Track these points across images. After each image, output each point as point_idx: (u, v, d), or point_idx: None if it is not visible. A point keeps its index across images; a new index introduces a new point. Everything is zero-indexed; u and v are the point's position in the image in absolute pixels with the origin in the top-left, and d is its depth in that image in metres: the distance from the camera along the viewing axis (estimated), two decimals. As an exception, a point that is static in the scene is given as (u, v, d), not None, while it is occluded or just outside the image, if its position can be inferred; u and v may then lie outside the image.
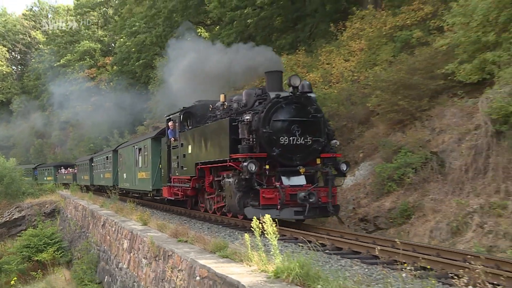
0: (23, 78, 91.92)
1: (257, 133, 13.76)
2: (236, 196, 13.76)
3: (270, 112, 13.83)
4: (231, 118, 14.89)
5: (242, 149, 13.71)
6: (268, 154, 13.79)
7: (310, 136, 13.98)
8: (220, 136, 15.24)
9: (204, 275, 8.55)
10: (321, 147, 14.30)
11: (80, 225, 27.82)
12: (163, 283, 11.04)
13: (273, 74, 15.21)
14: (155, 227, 14.71)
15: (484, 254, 9.38)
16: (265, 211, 11.01)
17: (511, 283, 6.99)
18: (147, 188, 24.70)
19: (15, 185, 48.36)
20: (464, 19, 15.54)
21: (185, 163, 18.73)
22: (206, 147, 16.37)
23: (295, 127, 13.80)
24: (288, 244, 11.30)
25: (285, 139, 13.77)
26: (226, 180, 14.72)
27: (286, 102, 13.97)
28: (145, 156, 25.16)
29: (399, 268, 5.49)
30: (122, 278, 15.55)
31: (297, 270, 6.82)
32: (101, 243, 20.42)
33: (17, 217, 41.99)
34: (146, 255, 12.68)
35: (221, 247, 9.68)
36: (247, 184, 13.61)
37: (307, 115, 14.08)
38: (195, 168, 17.30)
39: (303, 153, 14.00)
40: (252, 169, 13.09)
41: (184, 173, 18.69)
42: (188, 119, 19.85)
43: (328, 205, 13.68)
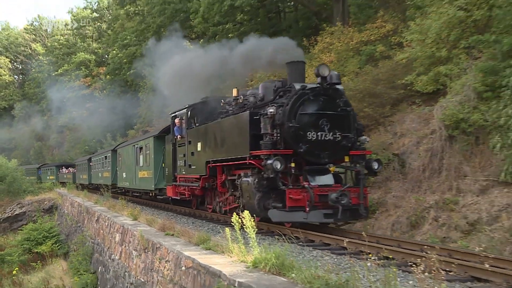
0: (24, 86, 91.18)
1: (282, 127, 11.46)
2: (256, 197, 11.44)
3: (297, 104, 11.48)
4: (251, 112, 12.41)
5: (265, 145, 11.33)
6: (294, 151, 11.43)
7: (339, 131, 11.65)
8: (237, 131, 12.82)
9: (189, 265, 8.55)
10: (351, 144, 11.93)
11: (76, 220, 27.59)
12: (152, 272, 11.01)
13: (296, 64, 12.81)
14: (144, 221, 14.65)
15: (438, 244, 9.53)
16: (291, 213, 10.52)
17: (461, 269, 7.22)
18: (149, 187, 22.42)
19: (16, 183, 48.11)
20: (421, 36, 15.78)
21: (193, 161, 16.33)
22: (220, 144, 14.04)
23: (324, 122, 11.48)
24: (266, 237, 11.29)
25: (312, 135, 11.47)
26: (244, 180, 12.21)
27: (314, 94, 11.60)
28: (147, 155, 22.84)
29: (364, 258, 5.54)
30: (115, 268, 15.47)
31: (273, 261, 6.85)
32: (95, 237, 20.28)
33: (19, 213, 41.50)
34: (136, 247, 12.62)
35: (205, 240, 9.68)
36: (268, 184, 11.42)
37: (336, 108, 11.72)
38: (205, 167, 14.88)
39: (331, 150, 11.64)
40: (277, 167, 10.78)
41: (192, 172, 16.32)
42: (195, 115, 17.15)
43: (359, 207, 11.44)
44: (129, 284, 13.25)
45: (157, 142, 21.35)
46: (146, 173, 22.62)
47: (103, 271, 17.80)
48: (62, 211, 35.00)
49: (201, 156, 15.46)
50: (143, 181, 23.57)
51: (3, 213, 42.21)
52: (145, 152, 23.13)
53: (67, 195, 36.04)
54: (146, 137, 23.80)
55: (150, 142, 22.15)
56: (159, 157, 21.00)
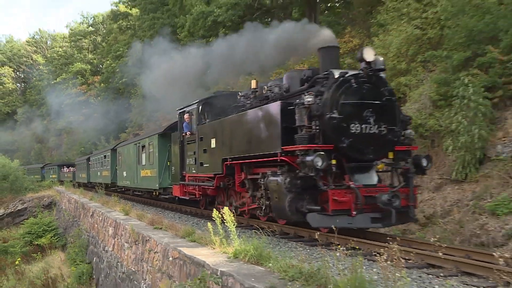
0: (26, 93, 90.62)
1: (321, 119, 9.17)
2: (287, 198, 9.17)
3: (338, 93, 9.25)
4: (283, 102, 10.03)
5: (301, 140, 9.07)
6: (335, 146, 9.12)
7: (384, 123, 9.43)
8: (265, 125, 10.38)
9: (175, 256, 8.53)
10: (397, 138, 9.71)
11: (72, 215, 27.43)
12: (142, 263, 10.95)
13: (329, 50, 10.54)
14: (135, 216, 14.59)
15: (399, 235, 9.60)
16: (334, 218, 8.59)
17: (418, 257, 7.37)
18: (153, 187, 19.80)
19: (18, 182, 48.06)
20: (383, 50, 15.93)
21: (206, 159, 13.89)
22: (240, 140, 11.60)
23: (369, 113, 9.29)
24: (245, 231, 11.26)
25: (356, 127, 9.25)
26: (272, 179, 9.81)
27: (357, 81, 9.37)
28: (151, 153, 20.25)
29: (334, 249, 5.57)
30: (108, 259, 15.36)
31: (252, 252, 6.87)
32: (90, 230, 20.12)
33: (20, 209, 41.39)
34: (128, 240, 12.54)
35: (190, 233, 9.66)
36: (303, 183, 9.22)
37: (381, 97, 9.51)
38: (221, 165, 12.54)
39: (376, 144, 9.42)
40: (319, 165, 8.58)
41: (205, 171, 13.92)
42: (207, 110, 14.78)
43: (409, 210, 9.38)
44: (121, 273, 13.16)
45: (162, 140, 18.93)
46: (150, 172, 20.31)
47: (97, 262, 17.67)
48: (60, 207, 34.79)
49: (216, 153, 13.16)
50: (146, 180, 21.16)
51: (6, 208, 42.15)
52: (148, 150, 20.71)
53: (64, 192, 35.81)
54: (150, 135, 21.14)
55: (154, 140, 19.69)
56: (164, 155, 18.72)
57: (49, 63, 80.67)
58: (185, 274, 7.91)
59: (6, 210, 41.81)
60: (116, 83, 51.41)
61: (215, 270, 6.65)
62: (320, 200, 9.22)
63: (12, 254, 27.55)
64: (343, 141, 9.09)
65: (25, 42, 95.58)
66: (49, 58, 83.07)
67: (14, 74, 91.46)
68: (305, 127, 9.20)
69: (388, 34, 16.51)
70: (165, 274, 9.10)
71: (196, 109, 14.93)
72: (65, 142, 68.93)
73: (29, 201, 41.74)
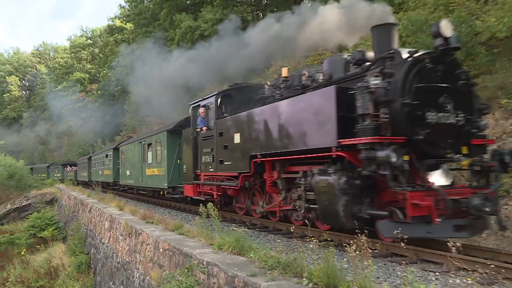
0: (30, 99, 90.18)
1: (390, 106, 6.97)
2: (341, 201, 7.13)
3: (410, 74, 6.98)
4: (339, 86, 7.66)
5: (365, 131, 6.85)
6: (408, 139, 6.92)
7: (462, 112, 7.19)
8: (313, 115, 7.93)
9: (165, 247, 8.48)
10: (475, 129, 7.53)
11: (72, 210, 27.20)
12: (135, 254, 10.86)
13: (386, 28, 7.96)
14: (129, 212, 14.52)
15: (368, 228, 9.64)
16: (412, 226, 6.64)
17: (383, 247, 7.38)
18: (161, 186, 17.46)
19: (23, 180, 48.35)
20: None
21: (227, 156, 11.49)
22: (275, 134, 9.16)
23: (446, 99, 7.06)
24: (229, 224, 11.23)
25: (433, 116, 7.02)
26: (320, 178, 7.59)
27: (432, 62, 7.14)
28: (158, 151, 17.86)
29: (308, 241, 5.57)
30: (104, 250, 15.21)
31: (235, 244, 6.87)
32: (88, 224, 19.95)
33: (25, 204, 41.43)
34: (122, 233, 12.44)
35: (179, 226, 9.64)
36: (363, 184, 7.22)
37: (457, 81, 7.28)
38: (249, 162, 10.22)
39: (453, 137, 7.22)
40: (394, 161, 6.47)
41: (226, 169, 11.51)
42: (227, 103, 12.39)
43: (497, 216, 7.10)
44: (116, 263, 13.05)
45: (171, 137, 16.57)
46: (157, 170, 17.98)
47: (95, 253, 17.52)
48: (61, 203, 34.55)
49: (241, 149, 10.77)
50: (152, 179, 18.69)
51: (13, 204, 42.26)
52: (155, 148, 18.30)
53: (65, 189, 35.71)
54: (157, 132, 18.55)
55: (162, 137, 17.27)
56: (174, 153, 16.42)
57: (51, 72, 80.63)
58: (174, 264, 7.86)
59: (13, 206, 41.90)
60: (111, 90, 51.30)
61: (201, 260, 6.63)
62: (378, 203, 7.37)
63: (18, 245, 27.73)
64: (418, 133, 6.91)
65: (30, 54, 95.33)
66: (51, 68, 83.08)
67: (20, 83, 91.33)
68: (369, 115, 6.91)
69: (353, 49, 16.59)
70: (156, 264, 9.04)
71: (214, 102, 12.50)
72: (65, 144, 68.45)
73: (33, 198, 41.84)
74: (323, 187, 7.54)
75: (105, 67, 54.62)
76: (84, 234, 20.70)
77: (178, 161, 16.17)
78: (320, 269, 4.87)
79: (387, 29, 8.02)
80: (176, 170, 16.25)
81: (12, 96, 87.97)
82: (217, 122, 12.27)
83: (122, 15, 53.38)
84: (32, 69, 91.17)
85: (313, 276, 4.89)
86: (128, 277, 11.44)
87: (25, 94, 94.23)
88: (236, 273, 5.60)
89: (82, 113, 60.69)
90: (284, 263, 5.53)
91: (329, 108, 7.46)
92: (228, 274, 5.78)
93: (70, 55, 77.59)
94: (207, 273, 6.37)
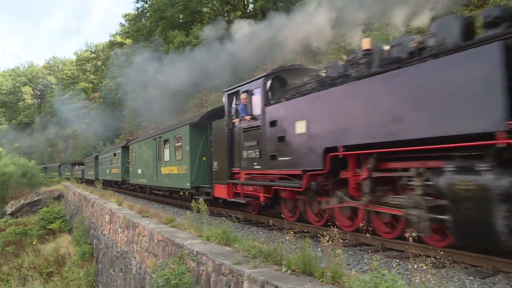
0: (41, 106, 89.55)
1: None
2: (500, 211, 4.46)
3: None
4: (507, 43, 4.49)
5: None
6: None
7: None
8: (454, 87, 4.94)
9: (159, 239, 8.32)
10: None
11: (76, 205, 26.91)
12: (132, 244, 10.66)
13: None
14: (127, 206, 14.35)
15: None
16: None
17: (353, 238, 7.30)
18: (182, 186, 13.89)
19: (35, 178, 48.00)
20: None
21: (284, 150, 8.23)
22: (375, 117, 6.11)
23: None
24: (216, 218, 11.10)
25: None
26: (461, 178, 4.86)
27: None
28: (179, 147, 14.30)
29: (286, 232, 5.49)
30: (105, 241, 14.96)
31: (221, 235, 6.78)
32: (91, 217, 19.66)
33: (36, 200, 40.91)
34: (121, 225, 12.23)
35: (171, 220, 9.50)
36: None
37: None
38: (322, 157, 7.12)
39: None
40: None
41: (283, 166, 8.28)
42: (276, 87, 9.07)
43: None
44: (116, 252, 12.81)
45: (195, 131, 13.21)
46: (176, 169, 14.53)
47: (97, 243, 17.25)
48: (67, 199, 34.20)
49: (307, 141, 7.58)
50: (170, 178, 15.24)
51: (25, 199, 41.85)
52: (174, 144, 14.79)
53: (70, 186, 35.51)
54: (177, 127, 14.93)
55: (184, 132, 13.83)
56: (197, 149, 13.13)
57: (60, 82, 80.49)
58: (168, 253, 7.71)
59: (25, 201, 41.54)
60: (111, 98, 51.09)
61: (191, 250, 6.51)
62: None
63: (30, 236, 27.50)
64: None
65: (42, 67, 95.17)
66: (59, 79, 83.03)
67: (32, 92, 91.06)
68: None
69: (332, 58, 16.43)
70: (151, 253, 8.87)
71: (262, 85, 9.18)
72: (71, 146, 67.79)
73: (43, 194, 41.50)
74: (466, 191, 4.84)
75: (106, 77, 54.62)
76: (87, 226, 20.40)
77: (204, 158, 13.00)
78: (297, 258, 4.80)
79: None
80: (201, 168, 13.00)
81: (25, 103, 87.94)
82: (267, 109, 8.90)
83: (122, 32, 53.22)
84: (43, 80, 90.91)
85: (291, 264, 4.83)
86: (126, 265, 11.23)
87: (37, 102, 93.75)
88: (223, 262, 5.50)
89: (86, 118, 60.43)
90: (266, 252, 5.44)
91: (491, 75, 4.59)
92: (215, 262, 5.67)
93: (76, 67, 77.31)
94: (197, 261, 6.25)
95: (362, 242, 7.23)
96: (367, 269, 5.39)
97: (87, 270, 16.59)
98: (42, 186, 46.01)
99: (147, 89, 23.65)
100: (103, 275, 14.94)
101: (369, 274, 3.76)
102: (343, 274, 4.32)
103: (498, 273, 5.16)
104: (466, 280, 4.95)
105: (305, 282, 4.35)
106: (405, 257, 6.02)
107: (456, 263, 5.61)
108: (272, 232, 8.60)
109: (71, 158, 62.66)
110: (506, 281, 4.90)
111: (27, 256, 22.34)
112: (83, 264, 17.27)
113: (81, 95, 67.68)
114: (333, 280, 4.28)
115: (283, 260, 5.08)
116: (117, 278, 12.31)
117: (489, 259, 5.37)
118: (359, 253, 6.66)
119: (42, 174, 52.80)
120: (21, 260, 22.04)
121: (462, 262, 5.62)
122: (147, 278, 8.71)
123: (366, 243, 7.10)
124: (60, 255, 20.13)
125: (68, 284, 16.12)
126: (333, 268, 4.38)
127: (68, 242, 23.05)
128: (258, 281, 4.56)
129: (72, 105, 65.99)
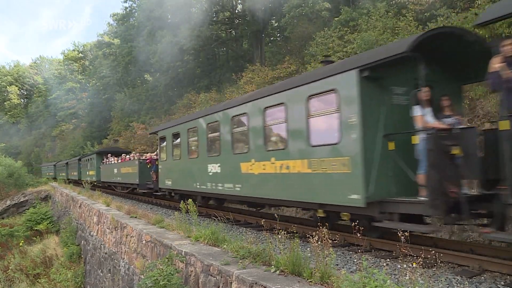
0: (28, 107, 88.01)
1: None
2: None
3: None
4: None
5: None
6: None
7: None
8: None
9: (148, 239, 8.27)
10: None
11: (64, 206, 26.63)
12: (121, 245, 10.57)
13: None
14: (115, 207, 14.21)
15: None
16: None
17: (341, 238, 7.41)
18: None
19: (21, 179, 47.88)
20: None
21: None
22: None
23: None
24: (205, 219, 11.06)
25: None
26: None
27: None
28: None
29: (276, 233, 5.48)
30: (93, 242, 14.81)
31: (210, 236, 6.75)
32: (78, 218, 19.44)
33: (23, 200, 40.36)
34: (109, 226, 12.12)
35: (160, 221, 9.45)
36: None
37: None
38: None
39: None
40: None
41: None
42: None
43: None
44: (104, 253, 12.69)
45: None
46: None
47: (84, 244, 17.08)
48: (54, 199, 33.80)
49: None
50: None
51: (12, 200, 41.41)
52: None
53: (58, 187, 34.86)
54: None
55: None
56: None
57: (47, 82, 79.20)
58: (156, 254, 7.65)
59: (12, 202, 41.07)
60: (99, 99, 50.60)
61: (180, 251, 6.46)
62: None
63: (16, 237, 27.24)
64: None
65: (29, 66, 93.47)
66: (47, 79, 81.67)
67: (19, 92, 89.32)
68: None
69: (318, 62, 16.65)
70: (139, 254, 8.79)
71: None
72: (58, 147, 66.87)
73: (29, 194, 40.95)
74: None
75: (94, 77, 53.96)
76: (75, 227, 20.18)
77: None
78: (286, 258, 4.79)
79: None
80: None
81: (11, 103, 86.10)
82: None
83: (110, 32, 52.78)
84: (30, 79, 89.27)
85: (280, 264, 4.82)
86: (114, 266, 11.12)
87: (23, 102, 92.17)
88: (211, 262, 5.46)
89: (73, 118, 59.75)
90: (254, 253, 5.42)
91: None
92: (204, 263, 5.63)
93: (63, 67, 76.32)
94: (185, 262, 6.20)
95: (350, 243, 7.27)
96: (356, 269, 5.41)
97: (75, 271, 16.43)
98: (29, 186, 45.40)
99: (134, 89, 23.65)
100: (91, 276, 14.80)
101: (358, 274, 3.77)
102: (331, 274, 4.32)
103: (484, 272, 5.24)
104: (453, 279, 5.00)
105: (293, 282, 4.35)
106: (394, 257, 6.06)
107: (443, 263, 5.66)
108: (261, 233, 8.61)
109: (58, 158, 61.89)
110: (492, 280, 4.96)
111: (13, 257, 22.06)
112: (70, 266, 17.09)
113: (69, 95, 66.98)
114: (322, 281, 4.28)
115: (272, 261, 5.06)
116: (105, 279, 12.19)
117: (475, 259, 5.44)
118: (347, 253, 6.70)
119: (44, 172, 52.08)
120: (7, 262, 21.76)
121: (449, 262, 5.68)
122: (136, 279, 8.64)
123: (354, 243, 7.14)
124: (48, 256, 19.86)
125: (55, 286, 15.95)
126: (322, 268, 4.38)
127: (55, 243, 22.76)
128: (247, 282, 4.54)
129: (60, 105, 65.30)
